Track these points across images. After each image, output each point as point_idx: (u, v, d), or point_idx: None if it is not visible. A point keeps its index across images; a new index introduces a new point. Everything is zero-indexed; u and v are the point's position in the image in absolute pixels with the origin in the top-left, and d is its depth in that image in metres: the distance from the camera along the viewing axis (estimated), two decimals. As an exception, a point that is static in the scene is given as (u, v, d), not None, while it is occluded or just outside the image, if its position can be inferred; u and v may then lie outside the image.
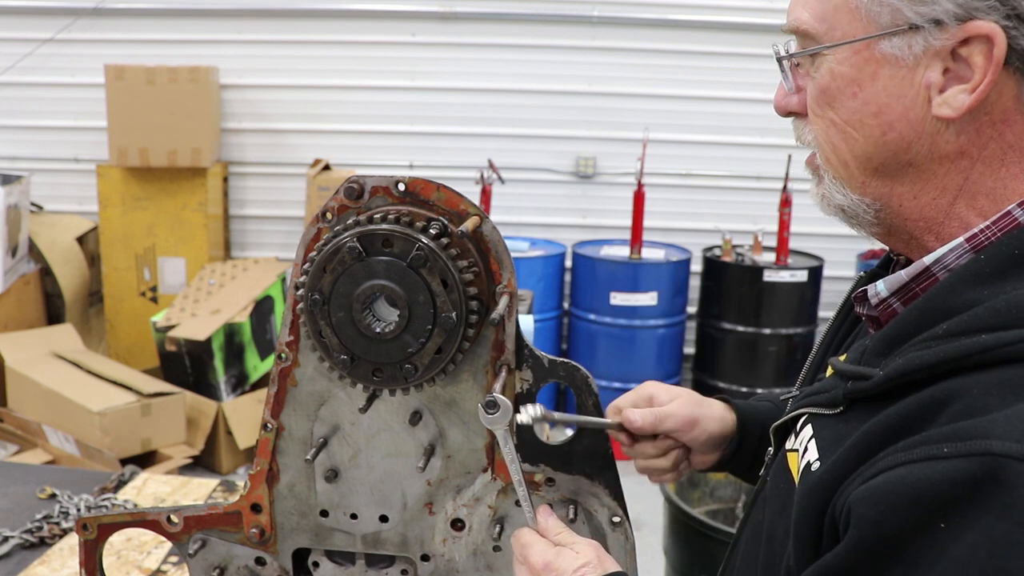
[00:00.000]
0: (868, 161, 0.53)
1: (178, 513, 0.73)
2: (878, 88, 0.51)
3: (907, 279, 0.54)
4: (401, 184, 0.62)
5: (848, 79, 0.52)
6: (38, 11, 3.32)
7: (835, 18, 0.52)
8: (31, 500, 1.21)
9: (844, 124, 0.53)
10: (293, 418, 0.69)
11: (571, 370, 0.68)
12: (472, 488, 0.70)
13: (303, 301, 0.61)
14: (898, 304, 0.55)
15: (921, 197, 0.53)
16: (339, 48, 3.33)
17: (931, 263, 0.52)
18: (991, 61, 0.48)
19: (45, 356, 2.75)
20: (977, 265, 0.48)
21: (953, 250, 0.52)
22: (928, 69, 0.50)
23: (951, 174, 0.52)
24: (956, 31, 0.48)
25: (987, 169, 0.51)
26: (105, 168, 3.14)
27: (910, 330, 0.49)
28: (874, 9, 0.50)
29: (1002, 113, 0.50)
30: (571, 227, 3.48)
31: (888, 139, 0.52)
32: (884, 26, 0.50)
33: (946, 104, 0.50)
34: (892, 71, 0.51)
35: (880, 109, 0.52)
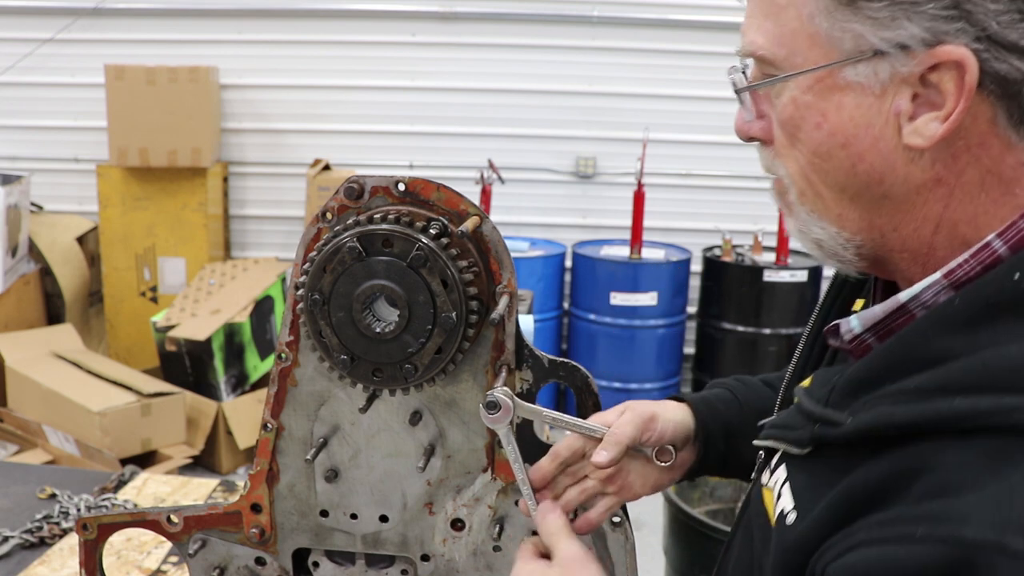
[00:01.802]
0: (842, 193, 0.50)
1: (178, 513, 0.73)
2: (844, 118, 0.48)
3: (882, 315, 0.51)
4: (401, 184, 0.62)
5: (812, 109, 0.49)
6: (38, 11, 3.32)
7: (794, 43, 0.48)
8: (31, 500, 1.21)
9: (812, 156, 0.50)
10: (293, 418, 0.69)
11: (571, 370, 0.68)
12: (472, 488, 0.70)
13: (303, 301, 0.61)
14: (873, 340, 0.52)
15: (902, 229, 0.50)
16: (339, 48, 3.33)
17: (907, 300, 0.49)
18: (963, 88, 0.44)
19: (45, 356, 2.75)
20: (951, 311, 0.46)
21: (930, 287, 0.49)
22: (896, 96, 0.47)
23: (929, 203, 0.49)
24: (924, 57, 0.45)
25: (966, 196, 0.48)
26: (105, 168, 3.14)
27: (880, 375, 0.46)
28: (835, 34, 0.47)
29: (978, 137, 0.47)
30: (571, 227, 3.48)
31: (859, 171, 0.49)
32: (847, 52, 0.47)
33: (917, 133, 0.47)
34: (858, 99, 0.47)
35: (848, 140, 0.48)
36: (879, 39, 0.46)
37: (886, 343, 0.48)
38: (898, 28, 0.45)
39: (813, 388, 0.51)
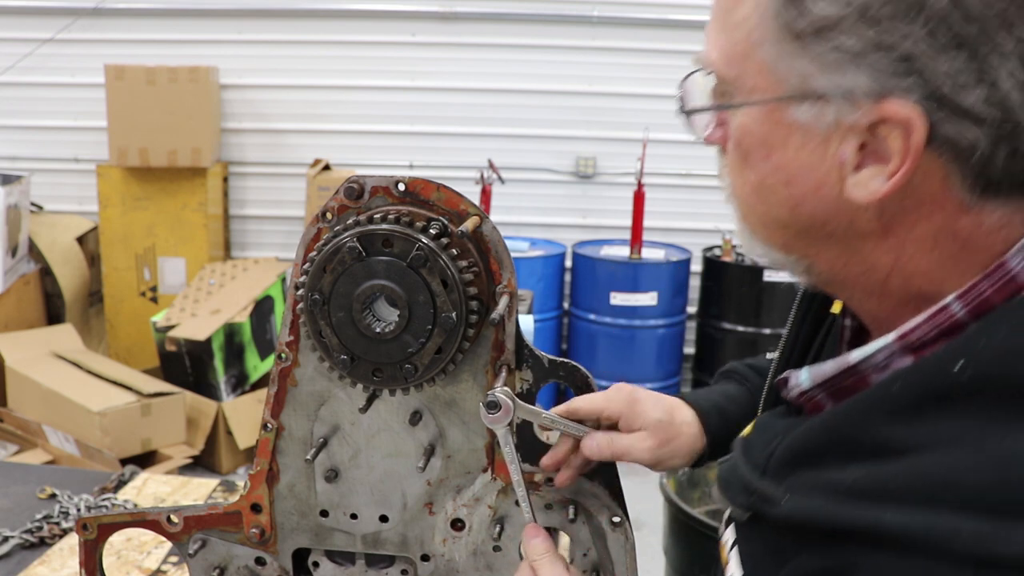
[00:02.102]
0: (785, 227, 0.48)
1: (178, 513, 0.73)
2: (788, 156, 0.45)
3: (831, 374, 0.48)
4: (401, 184, 0.62)
5: (759, 139, 0.46)
6: (38, 11, 3.32)
7: (744, 66, 0.45)
8: (31, 500, 1.21)
9: (757, 184, 0.47)
10: (293, 418, 0.69)
11: (571, 370, 0.68)
12: (472, 488, 0.70)
13: (303, 301, 0.61)
14: (823, 396, 0.49)
15: (851, 268, 0.47)
16: (339, 48, 3.33)
17: (858, 362, 0.47)
18: (909, 148, 0.41)
19: (45, 356, 2.75)
20: (889, 396, 0.42)
21: (883, 349, 0.46)
22: (842, 144, 0.43)
23: (878, 252, 0.46)
24: (869, 109, 0.41)
25: (918, 251, 0.45)
26: (105, 168, 3.14)
27: (820, 452, 0.44)
28: (782, 68, 0.43)
29: (929, 196, 0.43)
30: (571, 227, 3.48)
31: (801, 212, 0.46)
32: (791, 89, 0.43)
33: (860, 187, 0.43)
34: (803, 140, 0.44)
35: (790, 179, 0.45)
36: (824, 82, 0.42)
37: (826, 416, 0.46)
38: (843, 74, 0.42)
39: (752, 445, 0.49)
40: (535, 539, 0.61)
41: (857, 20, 0.40)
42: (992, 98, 0.40)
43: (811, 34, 0.42)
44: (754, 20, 0.44)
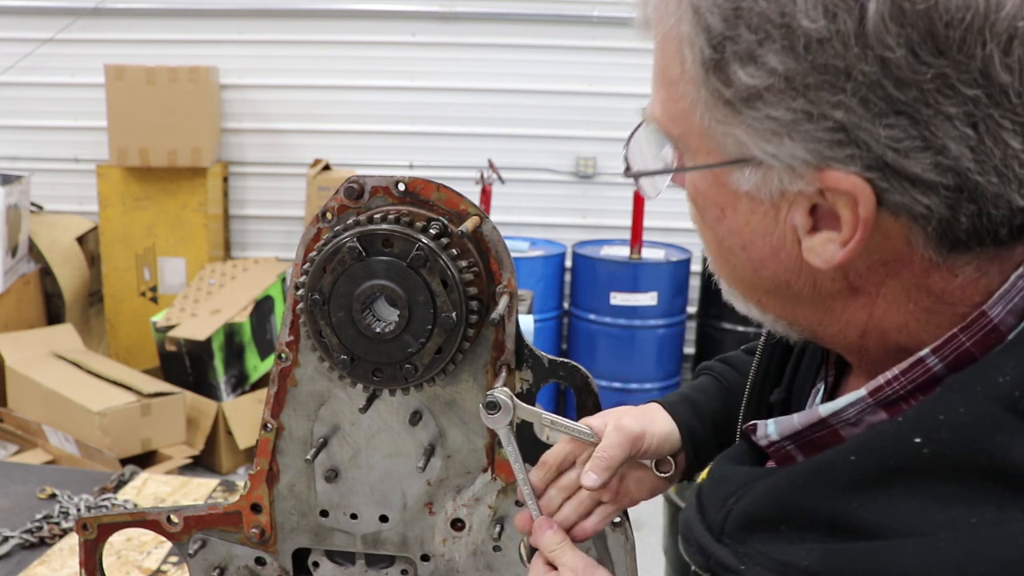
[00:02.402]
0: (753, 287, 0.46)
1: (178, 513, 0.73)
2: (740, 221, 0.43)
3: (800, 427, 0.47)
4: (401, 184, 0.62)
5: (711, 200, 0.44)
6: (38, 11, 3.32)
7: (685, 126, 0.43)
8: (31, 500, 1.21)
9: (717, 245, 0.46)
10: (293, 418, 0.69)
11: (571, 370, 0.68)
12: (472, 488, 0.70)
13: (303, 301, 0.61)
14: (793, 448, 0.47)
15: (827, 326, 0.45)
16: (339, 48, 3.34)
17: (827, 415, 0.45)
18: (857, 218, 0.39)
19: (45, 356, 2.75)
20: (846, 469, 0.40)
21: (855, 403, 0.44)
22: (792, 209, 0.41)
23: (850, 310, 0.44)
24: (811, 179, 0.39)
25: (891, 306, 0.42)
26: (105, 168, 3.14)
27: (774, 520, 0.42)
28: (718, 133, 0.41)
29: (894, 254, 0.41)
30: (571, 227, 3.48)
31: (763, 275, 0.44)
32: (730, 156, 0.41)
33: (815, 253, 0.41)
34: (751, 205, 0.42)
35: (746, 244, 0.43)
36: (760, 150, 0.40)
37: (784, 481, 0.43)
38: (779, 144, 0.39)
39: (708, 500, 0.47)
40: (548, 531, 0.60)
41: (784, 90, 0.38)
42: (942, 164, 0.37)
43: (741, 102, 0.39)
44: (685, 83, 0.42)
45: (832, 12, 0.36)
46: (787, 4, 0.37)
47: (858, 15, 0.36)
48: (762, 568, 0.42)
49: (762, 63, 0.38)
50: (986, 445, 0.37)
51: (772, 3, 0.37)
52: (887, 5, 0.35)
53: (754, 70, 0.38)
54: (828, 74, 0.37)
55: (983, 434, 0.37)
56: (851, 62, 0.36)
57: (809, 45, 0.37)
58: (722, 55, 0.39)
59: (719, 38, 0.39)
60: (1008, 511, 0.35)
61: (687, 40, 0.41)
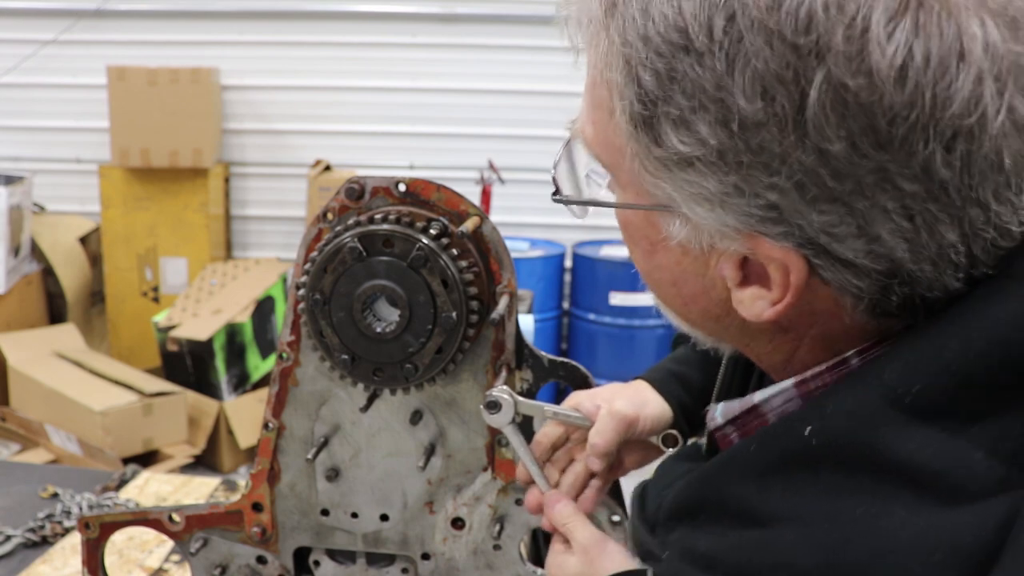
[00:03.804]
0: (682, 316, 0.47)
1: (180, 512, 0.73)
2: (671, 260, 0.42)
3: (738, 412, 0.48)
4: (401, 184, 0.63)
5: (640, 234, 0.43)
6: (40, 12, 3.33)
7: (617, 159, 0.41)
8: (33, 499, 1.22)
9: (646, 274, 0.46)
10: (294, 417, 0.70)
11: (571, 370, 0.68)
12: (472, 487, 0.70)
13: (304, 301, 0.61)
14: (735, 434, 0.49)
15: (754, 350, 0.46)
16: (340, 49, 3.34)
17: (759, 402, 0.46)
18: (788, 285, 0.38)
19: (47, 356, 2.76)
20: (747, 457, 0.41)
21: (781, 392, 0.45)
22: (722, 260, 0.40)
23: (777, 341, 0.44)
24: (742, 243, 0.38)
25: (816, 346, 0.43)
26: (107, 169, 3.15)
27: (692, 510, 0.44)
28: (647, 183, 0.40)
29: (823, 312, 0.41)
30: (571, 227, 3.48)
31: (693, 309, 0.44)
32: (659, 204, 0.40)
33: (743, 306, 0.41)
34: (681, 251, 0.41)
35: (676, 280, 0.43)
36: (690, 211, 0.39)
37: (699, 472, 0.45)
38: (709, 210, 0.38)
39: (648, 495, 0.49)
40: (558, 504, 0.60)
41: (715, 162, 0.36)
42: (876, 252, 0.37)
43: (671, 163, 0.38)
44: (615, 123, 0.40)
45: (771, 95, 0.34)
46: (724, 78, 0.35)
47: (797, 101, 0.34)
48: (675, 554, 0.44)
49: (694, 132, 0.36)
50: (869, 438, 0.37)
51: (708, 72, 0.35)
52: (828, 94, 0.33)
53: (686, 137, 0.37)
54: (762, 156, 0.35)
55: (867, 427, 0.37)
56: (787, 149, 0.35)
57: (744, 124, 0.35)
58: (653, 114, 0.37)
59: (650, 97, 0.37)
60: (889, 505, 0.35)
61: (617, 88, 0.39)
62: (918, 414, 0.36)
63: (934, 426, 0.36)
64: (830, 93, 0.34)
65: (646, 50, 0.37)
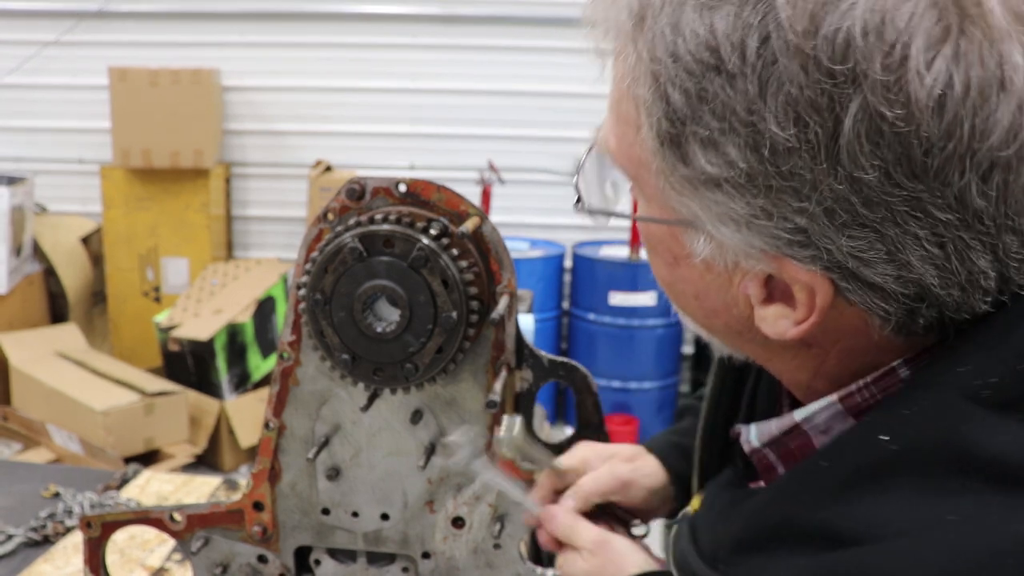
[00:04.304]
0: (703, 326, 0.45)
1: (181, 511, 0.73)
2: (694, 275, 0.42)
3: (777, 433, 0.46)
4: (402, 185, 0.63)
5: (663, 246, 0.43)
6: (42, 13, 3.34)
7: (641, 172, 0.41)
8: (35, 498, 1.22)
9: (668, 286, 0.45)
10: (295, 417, 0.70)
11: (571, 370, 0.69)
12: (473, 486, 0.70)
13: (305, 301, 0.62)
14: (773, 456, 0.47)
15: (776, 366, 0.45)
16: (340, 50, 3.34)
17: (800, 420, 0.45)
18: (813, 305, 0.38)
19: (49, 356, 2.76)
20: (820, 476, 0.39)
21: (825, 409, 0.43)
22: (746, 279, 0.40)
23: (801, 358, 0.43)
24: (768, 263, 0.38)
25: (843, 359, 0.42)
26: (108, 169, 3.15)
27: (762, 539, 0.41)
28: (672, 200, 0.39)
29: (849, 330, 0.40)
30: (571, 227, 3.49)
31: (715, 323, 0.44)
32: (684, 221, 0.39)
33: (767, 324, 0.40)
34: (705, 267, 0.41)
35: (699, 294, 0.42)
36: (715, 230, 0.38)
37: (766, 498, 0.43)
38: (735, 231, 0.37)
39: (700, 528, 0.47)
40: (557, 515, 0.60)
41: (744, 185, 0.36)
42: (905, 277, 0.36)
43: (698, 182, 0.37)
44: (641, 139, 0.39)
45: (804, 121, 0.34)
46: (756, 101, 0.34)
47: (831, 129, 0.33)
48: None
49: (723, 154, 0.36)
50: (952, 436, 0.36)
51: (740, 95, 0.34)
52: (864, 123, 0.33)
53: (714, 158, 0.36)
54: (792, 181, 0.35)
55: (948, 425, 0.36)
56: (818, 175, 0.34)
57: (775, 150, 0.34)
58: (681, 133, 0.37)
59: (679, 116, 0.36)
60: (984, 503, 0.34)
61: (644, 105, 0.38)
62: (1000, 407, 0.35)
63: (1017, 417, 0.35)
64: (865, 122, 0.33)
65: (675, 68, 0.36)
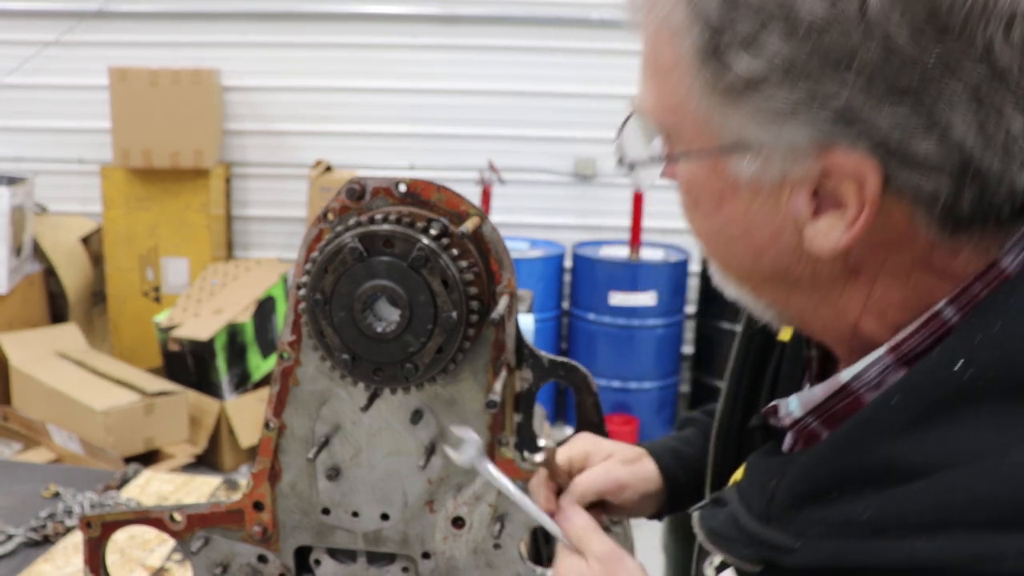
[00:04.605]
0: (748, 275, 0.45)
1: (181, 511, 0.73)
2: (740, 209, 0.42)
3: (822, 398, 0.45)
4: (402, 185, 0.63)
5: (707, 191, 0.43)
6: (43, 14, 3.34)
7: (680, 114, 0.42)
8: (35, 498, 1.22)
9: (713, 235, 0.45)
10: (295, 417, 0.70)
11: (571, 369, 0.69)
12: (472, 486, 0.70)
13: (305, 301, 0.62)
14: (817, 424, 0.46)
15: (821, 312, 0.44)
16: (341, 50, 3.35)
17: (849, 380, 0.44)
18: (863, 199, 0.38)
19: (49, 356, 2.76)
20: (889, 413, 0.39)
21: (876, 363, 0.43)
22: (793, 195, 0.40)
23: (849, 292, 0.43)
24: (815, 161, 0.38)
25: (892, 284, 0.42)
26: (109, 169, 3.15)
27: (826, 487, 0.40)
28: (715, 122, 0.40)
29: (897, 235, 0.40)
30: (571, 227, 3.49)
31: (762, 263, 0.43)
32: (730, 144, 0.40)
33: (819, 238, 0.40)
34: (751, 193, 0.41)
35: (745, 231, 0.43)
36: (761, 136, 0.39)
37: (826, 445, 0.42)
38: (781, 128, 0.38)
39: (749, 491, 0.46)
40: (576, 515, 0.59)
41: (784, 76, 0.37)
42: (947, 145, 0.37)
43: (739, 89, 0.38)
44: (679, 71, 0.41)
45: None
46: None
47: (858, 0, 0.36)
48: (819, 536, 0.40)
49: (761, 50, 0.37)
50: None
51: None
52: None
53: (753, 57, 0.38)
54: (830, 59, 0.36)
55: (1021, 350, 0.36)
56: (853, 47, 0.36)
57: (810, 31, 0.36)
58: (719, 42, 0.38)
59: (716, 26, 0.38)
60: None
61: (681, 29, 0.40)
62: None
63: None
64: None
65: None
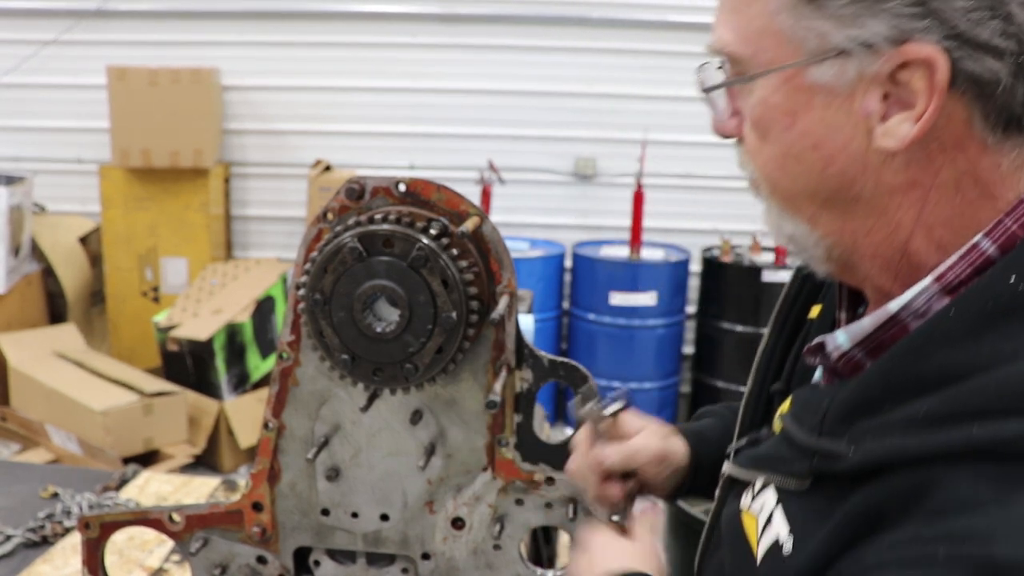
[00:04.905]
0: (813, 196, 0.49)
1: (180, 512, 0.73)
2: (814, 119, 0.47)
3: (871, 329, 0.48)
4: (402, 185, 0.63)
5: (781, 110, 0.48)
6: (41, 13, 3.33)
7: (760, 41, 0.47)
8: (34, 499, 1.22)
9: (782, 157, 0.49)
10: (294, 417, 0.70)
11: (571, 370, 0.69)
12: (472, 487, 0.70)
13: (304, 301, 0.62)
14: (862, 355, 0.49)
15: (875, 233, 0.48)
16: (340, 50, 3.34)
17: (898, 310, 0.47)
18: (933, 87, 0.43)
19: (48, 356, 2.76)
20: (947, 323, 0.43)
21: (922, 292, 0.46)
22: (866, 96, 0.45)
23: (904, 207, 0.47)
24: (891, 55, 0.43)
25: (942, 198, 0.46)
26: (108, 169, 3.15)
27: (879, 398, 0.43)
28: (799, 33, 0.46)
29: (953, 139, 0.45)
30: (571, 227, 3.49)
31: (830, 174, 0.47)
32: (811, 52, 0.45)
33: (889, 135, 0.45)
34: (827, 100, 0.46)
35: (818, 142, 0.47)
36: (843, 37, 0.44)
37: (880, 361, 0.45)
38: (862, 26, 0.44)
39: (799, 414, 0.48)
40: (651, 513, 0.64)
41: None
42: (1008, 30, 0.42)
43: None
44: (761, 5, 0.46)
45: None
46: None
47: None
48: (872, 438, 0.42)
49: None
50: None
51: None
52: None
53: None
54: None
55: None
56: None
57: None
58: None
59: None
60: None
61: None
62: None
63: None
64: None
65: None
